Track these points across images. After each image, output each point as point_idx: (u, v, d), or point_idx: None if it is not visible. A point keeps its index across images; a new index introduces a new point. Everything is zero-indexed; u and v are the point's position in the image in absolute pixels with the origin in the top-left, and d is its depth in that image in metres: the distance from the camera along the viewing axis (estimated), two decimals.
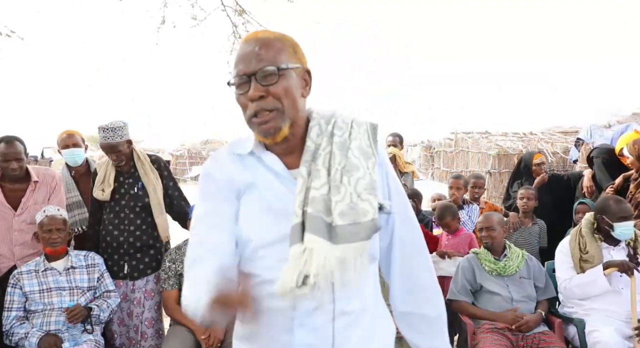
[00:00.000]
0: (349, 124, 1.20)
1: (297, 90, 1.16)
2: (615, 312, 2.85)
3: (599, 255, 2.96)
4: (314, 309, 1.13)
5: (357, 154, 1.15)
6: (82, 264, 2.97)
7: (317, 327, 1.14)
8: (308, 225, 1.08)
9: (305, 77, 1.20)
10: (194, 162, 24.77)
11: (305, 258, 1.06)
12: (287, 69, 1.14)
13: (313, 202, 1.09)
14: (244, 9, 6.16)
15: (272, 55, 1.14)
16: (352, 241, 1.07)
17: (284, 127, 1.14)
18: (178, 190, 3.36)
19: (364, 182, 1.12)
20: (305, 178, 1.13)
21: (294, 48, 1.19)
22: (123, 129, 3.10)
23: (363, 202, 1.10)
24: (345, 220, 1.08)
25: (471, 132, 12.16)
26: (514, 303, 2.92)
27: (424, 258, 1.30)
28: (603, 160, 4.11)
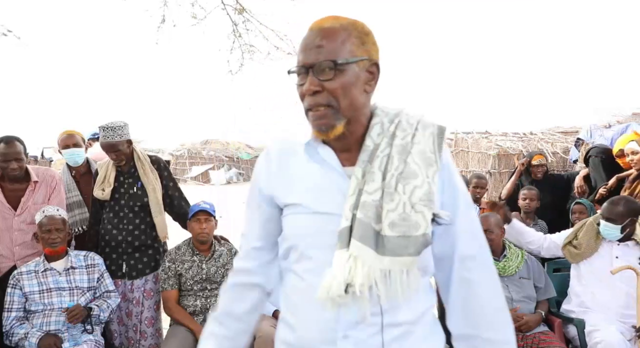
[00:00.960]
0: (413, 126, 1.11)
1: (357, 86, 1.08)
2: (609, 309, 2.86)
3: (591, 245, 2.99)
4: (359, 321, 1.07)
5: (417, 159, 1.07)
6: (82, 264, 2.97)
7: (363, 339, 1.07)
8: (355, 231, 1.03)
9: (372, 70, 1.11)
10: (194, 162, 24.77)
11: (350, 266, 1.02)
12: (348, 63, 1.06)
13: (364, 206, 1.04)
14: (244, 8, 6.17)
15: (332, 48, 1.07)
16: (400, 254, 1.01)
17: (338, 125, 1.08)
18: (178, 190, 3.36)
19: (421, 191, 1.04)
20: (359, 179, 1.07)
21: (362, 38, 1.09)
22: (123, 128, 3.10)
23: (417, 214, 1.02)
24: (395, 232, 1.02)
25: (471, 132, 12.15)
26: (514, 304, 2.92)
27: (489, 277, 1.15)
28: (600, 159, 4.13)
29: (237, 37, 6.33)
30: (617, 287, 2.87)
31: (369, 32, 1.12)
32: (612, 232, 2.96)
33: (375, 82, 1.12)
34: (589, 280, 2.97)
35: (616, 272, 2.81)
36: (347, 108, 1.08)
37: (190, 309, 3.04)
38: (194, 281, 3.06)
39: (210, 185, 22.45)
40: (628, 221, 2.93)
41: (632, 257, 2.92)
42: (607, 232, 2.98)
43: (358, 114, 1.11)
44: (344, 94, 1.07)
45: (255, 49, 6.42)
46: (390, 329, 1.09)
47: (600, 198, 3.87)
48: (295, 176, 1.15)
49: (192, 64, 51.70)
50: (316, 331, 1.11)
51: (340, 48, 1.07)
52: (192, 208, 3.16)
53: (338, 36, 1.08)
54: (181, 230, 3.33)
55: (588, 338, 2.76)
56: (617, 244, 2.98)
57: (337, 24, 1.09)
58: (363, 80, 1.09)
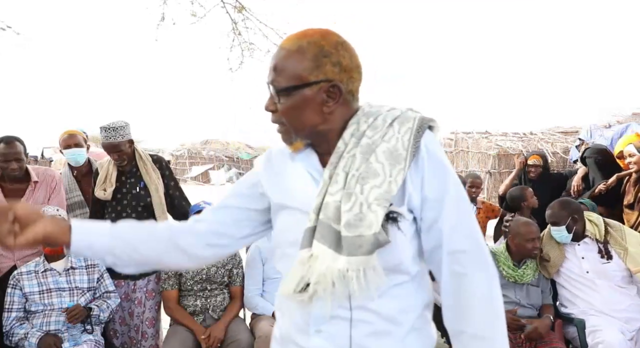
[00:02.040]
0: (388, 123, 1.10)
1: (309, 108, 1.10)
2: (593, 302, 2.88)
3: (556, 254, 3.03)
4: (331, 317, 1.09)
5: (381, 158, 1.07)
6: (82, 265, 2.97)
7: (333, 333, 1.10)
8: (317, 231, 1.06)
9: (330, 91, 1.10)
10: (194, 162, 24.78)
11: (309, 265, 1.05)
12: (293, 88, 1.09)
13: (326, 208, 1.07)
14: (244, 6, 6.18)
15: (285, 72, 1.09)
16: (355, 254, 1.02)
17: (296, 141, 1.15)
18: (179, 190, 3.36)
19: (378, 191, 1.04)
20: (326, 181, 1.09)
21: (318, 60, 1.09)
22: (125, 128, 3.10)
23: (371, 213, 1.03)
24: (350, 232, 1.03)
25: (471, 132, 12.16)
26: (519, 309, 2.92)
27: (482, 273, 1.10)
28: (595, 160, 4.16)
29: (237, 35, 6.35)
30: (598, 284, 2.91)
31: (331, 52, 1.09)
32: (560, 234, 3.02)
33: (336, 101, 1.11)
34: (574, 288, 3.00)
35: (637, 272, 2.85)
36: (296, 129, 1.13)
37: (190, 309, 3.04)
38: (194, 281, 3.06)
39: (210, 185, 22.46)
40: (570, 220, 2.98)
41: (593, 253, 2.98)
42: (557, 236, 3.04)
43: (318, 131, 1.13)
44: (291, 117, 1.12)
45: (255, 46, 6.45)
46: (360, 325, 1.09)
47: (598, 194, 3.89)
48: (285, 177, 1.20)
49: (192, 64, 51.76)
50: (293, 325, 1.15)
51: (288, 72, 1.09)
52: (192, 208, 3.16)
53: (292, 58, 1.09)
54: None
55: (589, 339, 2.77)
56: (578, 245, 3.03)
57: (295, 46, 1.10)
58: (318, 102, 1.10)
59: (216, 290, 3.10)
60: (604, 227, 3.03)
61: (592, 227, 3.04)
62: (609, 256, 2.93)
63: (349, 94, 1.13)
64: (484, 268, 1.11)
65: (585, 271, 2.95)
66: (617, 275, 2.89)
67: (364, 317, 1.09)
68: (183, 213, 3.28)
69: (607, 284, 2.89)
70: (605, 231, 3.01)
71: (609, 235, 3.00)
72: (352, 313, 1.09)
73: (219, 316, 3.06)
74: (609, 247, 2.97)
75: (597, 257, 2.95)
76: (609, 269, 2.90)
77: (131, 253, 1.23)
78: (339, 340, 1.10)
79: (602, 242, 2.98)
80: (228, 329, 2.99)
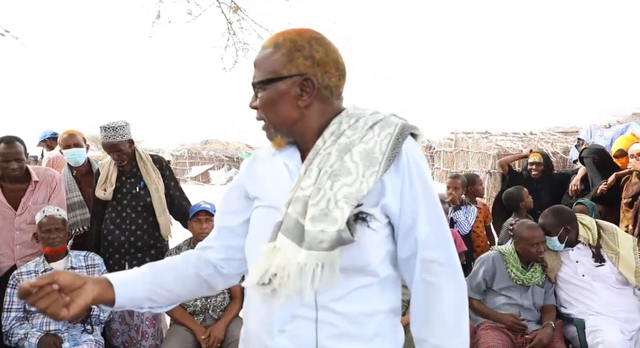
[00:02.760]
0: (369, 125, 1.11)
1: (284, 102, 1.13)
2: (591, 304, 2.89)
3: (552, 260, 3.03)
4: (294, 316, 1.08)
5: (356, 158, 1.07)
6: (82, 265, 2.97)
7: (298, 334, 1.08)
8: (283, 224, 1.07)
9: (303, 84, 1.12)
10: (193, 162, 24.77)
11: (273, 257, 1.06)
12: (267, 81, 1.13)
13: (295, 202, 1.07)
14: (239, 6, 6.20)
15: (261, 67, 1.15)
16: (316, 248, 1.01)
17: (276, 138, 1.17)
18: (179, 190, 3.36)
19: (348, 189, 1.04)
20: (301, 176, 1.10)
21: (290, 55, 1.12)
22: (124, 128, 3.10)
23: (338, 210, 1.02)
24: (315, 226, 1.02)
25: (471, 132, 12.17)
26: (522, 311, 2.92)
27: (453, 284, 1.11)
28: (593, 160, 4.15)
29: (232, 35, 6.37)
30: (596, 287, 2.91)
31: (304, 46, 1.12)
32: (553, 244, 3.01)
33: (310, 95, 1.12)
34: (572, 291, 3.00)
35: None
36: (275, 123, 1.16)
37: (190, 309, 3.04)
38: None
39: (210, 185, 22.46)
40: (562, 230, 2.97)
41: (587, 257, 2.98)
42: (550, 245, 3.03)
43: (296, 126, 1.15)
44: (267, 111, 1.15)
45: (250, 47, 6.49)
46: (325, 326, 1.08)
47: (600, 194, 3.88)
48: (264, 174, 1.22)
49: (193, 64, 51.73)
50: (258, 325, 1.15)
51: (264, 68, 1.14)
52: (192, 208, 3.16)
53: (267, 56, 1.15)
54: (182, 229, 3.33)
55: (589, 339, 2.77)
56: (572, 250, 3.03)
57: (272, 43, 1.15)
58: (293, 96, 1.13)
59: None
60: (596, 231, 3.03)
61: (585, 231, 3.03)
62: (602, 260, 2.94)
63: (325, 89, 1.14)
64: (455, 279, 1.11)
65: (581, 274, 2.96)
66: (611, 277, 2.90)
67: (329, 318, 1.08)
68: (183, 213, 3.28)
69: (603, 286, 2.90)
70: (598, 235, 3.01)
71: (601, 240, 3.01)
72: (318, 314, 1.08)
73: (219, 316, 3.06)
74: (602, 252, 2.97)
75: (591, 260, 2.96)
76: (603, 272, 2.91)
77: (167, 295, 1.25)
78: (303, 341, 1.08)
79: (594, 246, 2.99)
80: (228, 329, 2.99)
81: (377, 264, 1.10)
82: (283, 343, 1.09)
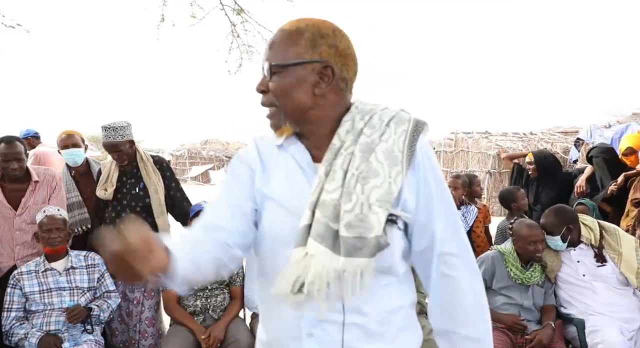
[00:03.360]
0: (385, 122, 1.09)
1: (301, 88, 1.08)
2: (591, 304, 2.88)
3: (553, 260, 3.02)
4: (321, 320, 1.07)
5: (381, 158, 1.05)
6: (82, 264, 2.97)
7: (325, 337, 1.08)
8: (313, 230, 1.03)
9: (323, 72, 1.09)
10: (194, 162, 24.76)
11: (305, 264, 1.02)
12: (286, 65, 1.08)
13: (323, 205, 1.03)
14: (242, 8, 6.18)
15: (280, 50, 1.09)
16: (355, 256, 1.00)
17: (284, 126, 1.12)
18: (180, 190, 3.36)
19: (379, 191, 1.02)
20: (322, 178, 1.06)
21: (314, 41, 1.08)
22: (125, 128, 3.10)
23: (373, 214, 1.01)
24: (351, 233, 1.00)
25: (471, 132, 12.17)
26: (522, 311, 2.92)
27: (470, 275, 1.14)
28: (603, 159, 4.11)
29: (236, 38, 6.35)
30: (597, 287, 2.91)
31: (328, 34, 1.09)
32: (555, 244, 3.00)
33: (328, 84, 1.09)
34: (572, 291, 3.00)
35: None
36: (287, 110, 1.10)
37: (191, 309, 3.04)
38: None
39: (210, 185, 22.46)
40: (564, 230, 2.96)
41: (588, 257, 2.97)
42: (553, 245, 3.02)
43: (308, 115, 1.10)
44: (282, 96, 1.09)
45: (254, 49, 6.44)
46: (352, 328, 1.08)
47: (611, 195, 3.86)
48: (274, 170, 1.16)
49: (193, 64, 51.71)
50: (284, 329, 1.12)
51: (287, 50, 1.08)
52: (193, 208, 3.16)
53: (289, 38, 1.09)
54: (182, 230, 3.33)
55: (589, 339, 2.77)
56: (574, 250, 3.02)
57: (293, 27, 1.10)
58: (310, 83, 1.08)
59: (216, 290, 3.10)
60: (599, 231, 3.02)
61: (587, 231, 3.03)
62: (604, 260, 2.93)
63: (342, 82, 1.11)
64: (472, 270, 1.15)
65: (581, 274, 2.95)
66: (612, 277, 2.89)
67: (355, 320, 1.08)
68: (184, 214, 3.28)
69: (603, 286, 2.90)
70: (600, 235, 3.01)
71: (603, 240, 3.00)
72: (345, 317, 1.07)
73: (219, 316, 3.06)
74: (604, 252, 2.96)
75: (593, 261, 2.95)
76: (604, 272, 2.91)
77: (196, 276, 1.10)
78: (330, 344, 1.08)
79: (597, 246, 2.98)
80: (228, 329, 2.99)
81: (399, 263, 1.12)
82: (310, 347, 1.08)
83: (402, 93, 62.76)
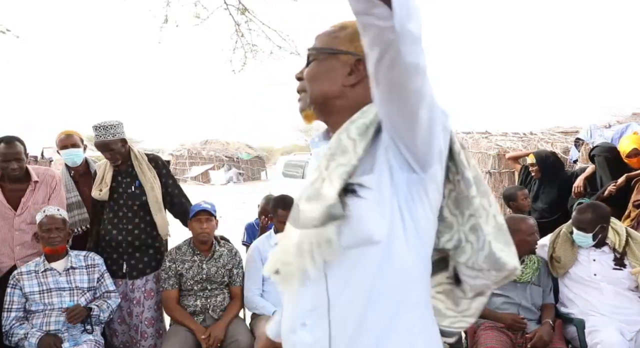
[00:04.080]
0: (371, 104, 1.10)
1: (332, 77, 1.13)
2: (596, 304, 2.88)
3: (568, 256, 3.00)
4: (312, 309, 1.06)
5: (353, 134, 1.03)
6: (82, 265, 2.97)
7: (316, 327, 1.06)
8: (292, 213, 1.07)
9: (355, 65, 1.12)
10: (194, 162, 24.76)
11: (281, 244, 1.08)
12: (323, 52, 1.14)
13: (303, 189, 1.07)
14: (247, 8, 6.16)
15: (322, 39, 1.17)
16: (308, 227, 0.99)
17: (308, 110, 1.18)
18: (178, 187, 3.36)
19: (342, 168, 1.00)
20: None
21: (353, 36, 1.12)
22: (117, 127, 3.10)
23: (329, 184, 1.00)
24: (307, 206, 1.00)
25: (471, 132, 12.16)
26: (520, 310, 2.92)
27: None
28: (605, 158, 4.09)
29: (240, 37, 6.32)
30: (605, 288, 2.90)
31: None
32: (585, 241, 2.98)
33: (357, 77, 1.12)
34: (577, 288, 2.99)
35: (635, 273, 2.83)
36: (313, 94, 1.15)
37: (191, 309, 3.04)
38: (194, 281, 3.06)
39: (210, 185, 22.45)
40: (598, 228, 2.94)
41: (607, 259, 2.95)
42: (580, 241, 3.00)
43: (333, 104, 1.14)
44: (312, 80, 1.15)
45: (258, 48, 6.42)
46: (339, 318, 1.04)
47: (609, 196, 3.84)
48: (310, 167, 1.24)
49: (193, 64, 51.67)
50: (285, 320, 1.15)
51: (325, 40, 1.16)
52: (193, 208, 3.16)
53: (331, 31, 1.16)
54: (182, 228, 3.33)
55: (588, 339, 2.77)
56: (594, 250, 3.00)
57: (339, 23, 1.17)
58: (341, 73, 1.13)
59: (216, 290, 3.10)
60: (625, 237, 2.97)
61: (613, 235, 2.98)
62: (622, 265, 2.89)
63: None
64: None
65: (593, 274, 2.93)
66: (625, 283, 2.87)
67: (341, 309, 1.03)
68: (183, 211, 3.28)
69: (612, 289, 2.87)
70: (625, 242, 2.96)
71: (628, 247, 2.95)
72: (330, 304, 1.04)
73: (219, 316, 3.06)
74: (625, 259, 2.92)
75: (610, 263, 2.92)
76: (619, 276, 2.87)
77: None
78: (320, 333, 1.05)
79: (620, 252, 2.94)
80: (228, 329, 2.99)
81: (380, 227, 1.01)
82: (304, 337, 1.09)
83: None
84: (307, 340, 1.07)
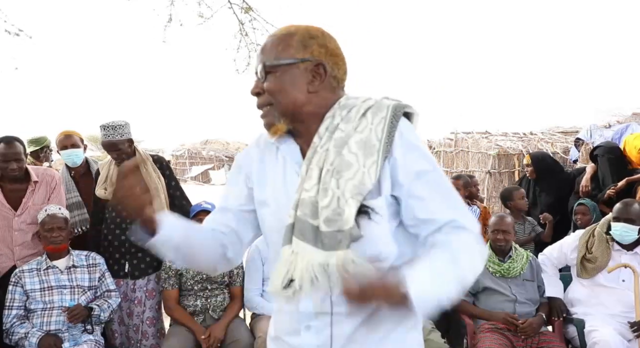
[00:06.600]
0: (361, 114, 1.11)
1: (296, 86, 1.13)
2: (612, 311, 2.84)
3: (604, 257, 2.88)
4: (317, 312, 1.12)
5: (354, 149, 1.07)
6: (84, 264, 2.97)
7: (321, 329, 1.13)
8: (296, 228, 1.09)
9: (316, 70, 1.14)
10: (194, 162, 24.76)
11: (291, 261, 1.08)
12: (279, 65, 1.13)
13: (302, 204, 1.08)
14: (251, 7, 6.15)
15: (272, 52, 1.14)
16: (336, 248, 1.04)
17: (278, 124, 1.15)
18: (180, 190, 3.36)
19: (353, 183, 1.05)
20: (303, 176, 1.11)
21: (304, 41, 1.14)
22: (124, 127, 3.10)
23: (348, 207, 1.04)
24: (330, 227, 1.05)
25: (471, 132, 12.15)
26: (517, 305, 2.91)
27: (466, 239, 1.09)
28: (607, 158, 4.07)
29: (244, 36, 6.31)
30: (627, 295, 2.80)
31: (317, 35, 1.15)
32: (629, 234, 2.84)
33: (321, 81, 1.14)
34: (595, 288, 2.92)
35: (611, 270, 2.79)
36: (283, 107, 1.14)
37: (191, 309, 3.04)
38: (195, 281, 3.06)
39: (210, 185, 22.46)
40: None
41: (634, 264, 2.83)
42: (624, 234, 2.85)
43: (302, 112, 1.14)
44: (278, 93, 1.13)
45: None
46: (342, 321, 1.11)
47: (608, 199, 3.82)
48: (267, 172, 1.22)
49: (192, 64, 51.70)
50: (285, 323, 1.18)
51: (280, 52, 1.14)
52: (193, 208, 3.16)
53: (280, 41, 1.15)
54: None
55: (587, 338, 2.77)
56: (625, 253, 2.89)
57: (284, 31, 1.17)
58: (304, 81, 1.13)
59: (216, 290, 3.10)
60: None
61: None
62: None
63: (333, 80, 1.16)
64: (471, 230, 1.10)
65: (621, 280, 2.83)
66: None
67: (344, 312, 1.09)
68: (184, 213, 3.27)
69: (631, 294, 2.76)
70: None
71: None
72: (333, 309, 1.11)
73: (219, 316, 3.06)
74: None
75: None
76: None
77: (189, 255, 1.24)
78: (326, 336, 1.12)
79: None
80: (228, 329, 2.99)
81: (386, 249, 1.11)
82: (308, 339, 1.13)
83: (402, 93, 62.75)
84: (312, 343, 1.13)
